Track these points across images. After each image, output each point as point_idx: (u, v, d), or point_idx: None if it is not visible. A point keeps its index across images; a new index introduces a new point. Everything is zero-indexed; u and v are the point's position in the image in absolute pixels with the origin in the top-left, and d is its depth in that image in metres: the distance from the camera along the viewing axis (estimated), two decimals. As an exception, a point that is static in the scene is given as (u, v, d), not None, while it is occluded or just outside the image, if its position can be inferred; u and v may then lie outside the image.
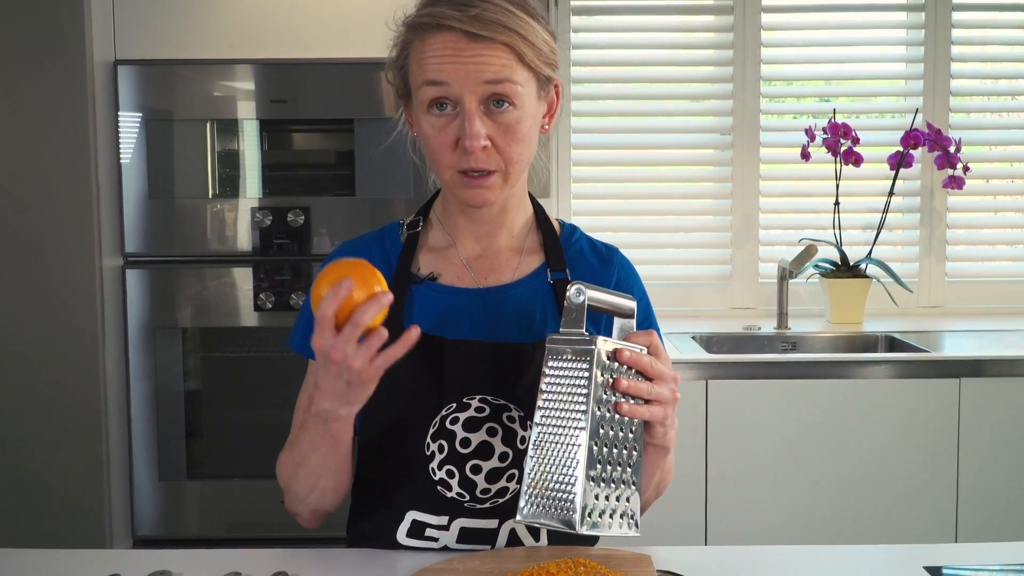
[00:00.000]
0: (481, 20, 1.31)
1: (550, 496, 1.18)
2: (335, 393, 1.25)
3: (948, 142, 3.35)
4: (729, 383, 2.78)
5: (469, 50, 1.31)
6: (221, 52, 2.95)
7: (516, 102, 1.34)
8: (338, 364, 1.20)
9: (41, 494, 2.93)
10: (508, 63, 1.33)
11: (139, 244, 2.98)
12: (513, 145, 1.36)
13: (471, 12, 1.31)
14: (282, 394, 3.02)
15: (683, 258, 3.61)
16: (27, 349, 2.91)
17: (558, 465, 1.19)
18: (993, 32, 3.61)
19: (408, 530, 1.43)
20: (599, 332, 1.35)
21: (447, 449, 1.39)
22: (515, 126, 1.35)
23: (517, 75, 1.33)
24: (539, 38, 1.35)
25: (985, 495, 2.78)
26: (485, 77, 1.31)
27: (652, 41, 3.55)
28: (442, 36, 1.32)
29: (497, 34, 1.31)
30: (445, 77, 1.32)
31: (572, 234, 1.56)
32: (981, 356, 2.84)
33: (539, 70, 1.36)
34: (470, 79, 1.31)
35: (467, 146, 1.33)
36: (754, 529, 2.77)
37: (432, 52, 1.33)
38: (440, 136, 1.35)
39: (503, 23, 1.31)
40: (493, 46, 1.31)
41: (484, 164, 1.35)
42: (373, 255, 1.49)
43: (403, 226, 1.53)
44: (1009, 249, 3.65)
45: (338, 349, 1.19)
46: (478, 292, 1.47)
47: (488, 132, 1.34)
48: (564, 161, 3.52)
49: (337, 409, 1.27)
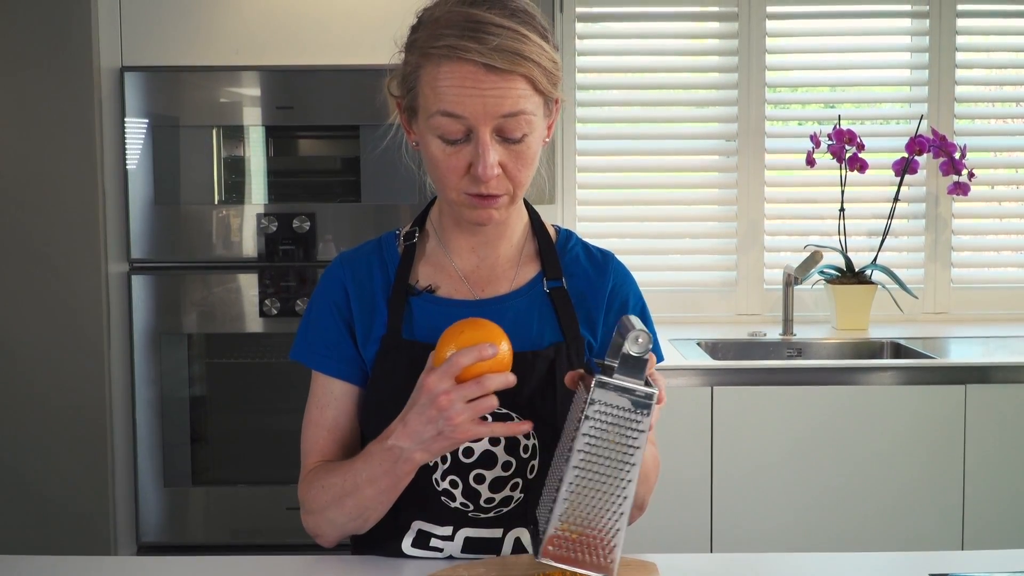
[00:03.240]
0: (501, 52, 1.27)
1: (584, 542, 1.18)
2: (420, 437, 1.26)
3: (953, 148, 3.35)
4: (735, 389, 2.78)
5: (488, 82, 1.28)
6: (227, 59, 2.96)
7: (528, 130, 1.33)
8: (440, 411, 1.22)
9: (46, 500, 2.93)
10: (524, 93, 1.31)
11: (145, 250, 2.98)
12: (522, 170, 1.36)
13: (491, 43, 1.27)
14: (287, 400, 3.04)
15: (688, 264, 3.61)
16: (33, 354, 2.91)
17: (599, 512, 1.18)
18: (998, 39, 3.61)
19: (413, 540, 1.43)
20: (594, 327, 1.37)
21: (450, 459, 1.39)
22: (526, 152, 1.35)
23: (531, 104, 1.32)
24: (550, 61, 1.34)
25: (991, 502, 2.77)
26: (502, 111, 1.30)
27: (657, 48, 3.56)
28: (458, 66, 1.29)
29: (516, 66, 1.29)
30: (463, 111, 1.29)
31: (568, 240, 1.55)
32: (987, 362, 2.83)
33: (549, 93, 1.35)
34: (487, 113, 1.29)
35: (481, 176, 1.32)
36: (760, 536, 2.77)
37: (449, 82, 1.29)
38: (451, 161, 1.34)
39: (522, 53, 1.29)
40: (511, 77, 1.29)
41: (495, 190, 1.35)
42: (372, 267, 1.49)
43: (399, 236, 1.52)
44: (1014, 255, 3.65)
45: (449, 397, 1.21)
46: (476, 304, 1.47)
47: (500, 159, 1.33)
48: (569, 168, 3.52)
49: (413, 452, 1.28)
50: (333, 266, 1.51)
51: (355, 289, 1.47)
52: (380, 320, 1.45)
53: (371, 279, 1.48)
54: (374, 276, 1.48)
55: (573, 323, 1.46)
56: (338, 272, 1.49)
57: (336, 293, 1.48)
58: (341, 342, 1.46)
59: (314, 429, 1.47)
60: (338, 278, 1.49)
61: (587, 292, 1.49)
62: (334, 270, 1.50)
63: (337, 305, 1.47)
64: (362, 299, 1.46)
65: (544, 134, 1.39)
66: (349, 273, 1.48)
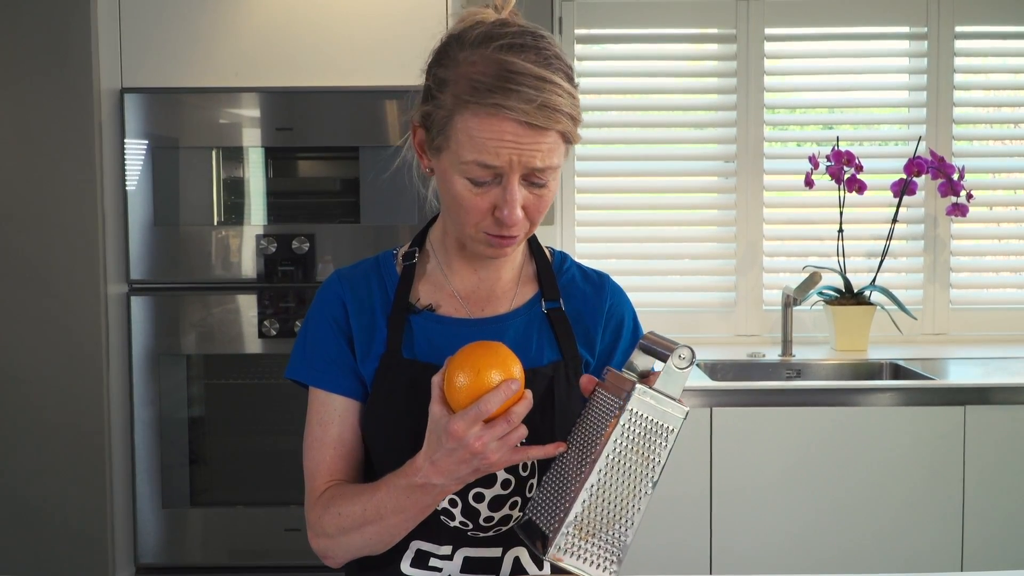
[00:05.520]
0: (542, 110, 1.27)
1: (597, 543, 1.18)
2: (454, 474, 1.25)
3: (951, 170, 3.36)
4: (734, 411, 2.78)
5: (526, 137, 1.28)
6: (227, 80, 2.97)
7: (553, 176, 1.34)
8: (475, 454, 1.22)
9: (44, 521, 2.92)
10: (556, 147, 1.31)
11: (144, 271, 2.98)
12: (542, 210, 1.37)
13: (534, 101, 1.27)
14: (286, 421, 3.04)
15: (687, 285, 3.61)
16: (31, 375, 2.91)
17: (616, 515, 1.18)
18: (996, 60, 3.63)
19: (412, 560, 1.42)
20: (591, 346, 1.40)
21: (449, 478, 1.38)
22: (547, 195, 1.35)
23: (559, 156, 1.33)
24: (577, 109, 1.34)
25: (991, 523, 2.77)
26: (534, 165, 1.30)
27: (656, 69, 3.57)
28: (499, 123, 1.28)
29: (554, 123, 1.29)
30: (499, 163, 1.29)
31: (563, 262, 1.56)
32: (986, 383, 2.83)
33: (575, 141, 1.36)
34: (522, 165, 1.30)
35: (506, 220, 1.32)
36: (759, 557, 2.76)
37: (488, 135, 1.29)
38: (475, 201, 1.33)
39: (559, 108, 1.29)
40: (548, 133, 1.29)
41: (516, 232, 1.36)
42: (370, 285, 1.49)
43: (397, 256, 1.52)
44: (1013, 276, 3.65)
45: (483, 440, 1.21)
46: (476, 322, 1.47)
47: (523, 202, 1.34)
48: (568, 189, 3.53)
49: (448, 485, 1.28)
50: (330, 282, 1.50)
51: (354, 306, 1.47)
52: (379, 337, 1.45)
53: (370, 296, 1.47)
54: (373, 294, 1.48)
55: (571, 342, 1.46)
56: (336, 288, 1.49)
57: (335, 309, 1.47)
58: (341, 357, 1.45)
59: (318, 448, 1.44)
60: (336, 294, 1.48)
61: (584, 312, 1.50)
62: (331, 286, 1.50)
63: (336, 320, 1.46)
64: (361, 316, 1.46)
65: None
66: (348, 289, 1.48)
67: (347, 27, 2.97)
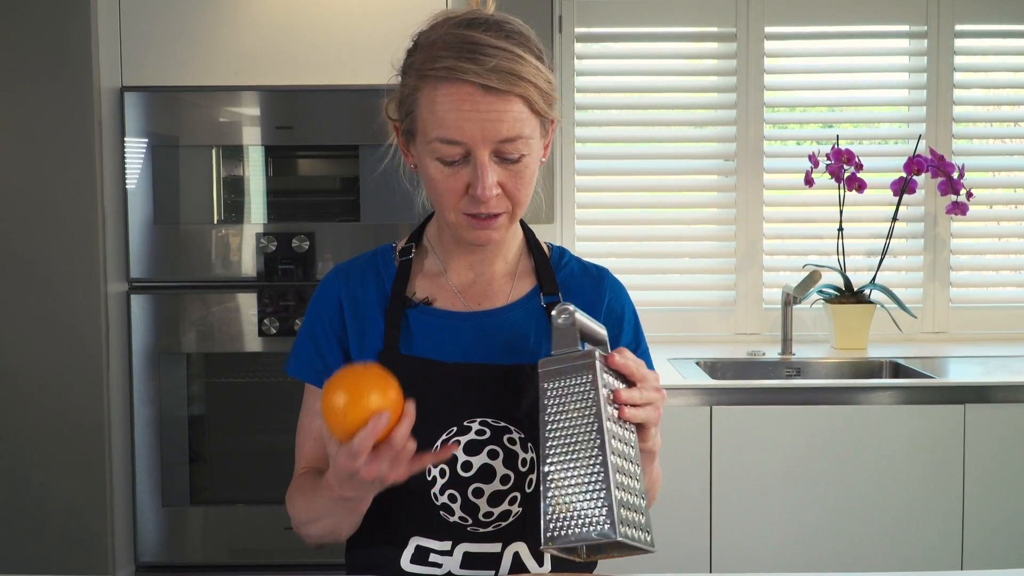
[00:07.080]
0: (498, 73, 1.28)
1: (578, 515, 1.15)
2: (362, 490, 1.27)
3: (951, 168, 3.36)
4: (733, 409, 2.78)
5: (485, 104, 1.29)
6: (226, 79, 2.97)
7: (525, 150, 1.34)
8: (370, 479, 1.23)
9: (44, 519, 2.92)
10: (521, 116, 1.32)
11: (144, 269, 2.98)
12: (521, 188, 1.37)
13: (488, 64, 1.28)
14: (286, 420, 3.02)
15: (687, 284, 3.61)
16: (31, 373, 2.91)
17: (581, 483, 1.16)
18: (995, 59, 3.63)
19: (412, 556, 1.42)
20: None
21: (448, 473, 1.39)
22: (523, 171, 1.35)
23: (528, 127, 1.33)
24: (546, 82, 1.35)
25: (990, 522, 2.77)
26: (500, 135, 1.30)
27: (656, 68, 3.57)
28: (456, 88, 1.30)
29: (513, 87, 1.29)
30: (462, 137, 1.30)
31: (562, 257, 1.57)
32: (986, 382, 2.83)
33: (545, 114, 1.36)
34: (486, 137, 1.30)
35: (480, 196, 1.33)
36: (759, 556, 2.76)
37: (447, 106, 1.30)
38: (449, 182, 1.35)
39: (519, 74, 1.30)
40: (508, 98, 1.30)
41: (495, 209, 1.36)
42: (367, 279, 1.50)
43: (395, 250, 1.53)
44: (1013, 275, 3.65)
45: (373, 469, 1.22)
46: (474, 316, 1.47)
47: (498, 179, 1.34)
48: (568, 187, 3.53)
49: (364, 496, 1.31)
50: (328, 279, 1.53)
51: (349, 302, 1.48)
52: (374, 332, 1.46)
53: (366, 290, 1.49)
54: (369, 287, 1.49)
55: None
56: (333, 285, 1.51)
57: (330, 309, 1.50)
58: (329, 353, 1.48)
59: (304, 436, 1.51)
60: (333, 292, 1.50)
61: (583, 306, 1.50)
62: (329, 283, 1.52)
63: (330, 320, 1.49)
64: (356, 311, 1.48)
65: (541, 154, 1.40)
66: (344, 286, 1.50)
67: (347, 26, 2.97)
